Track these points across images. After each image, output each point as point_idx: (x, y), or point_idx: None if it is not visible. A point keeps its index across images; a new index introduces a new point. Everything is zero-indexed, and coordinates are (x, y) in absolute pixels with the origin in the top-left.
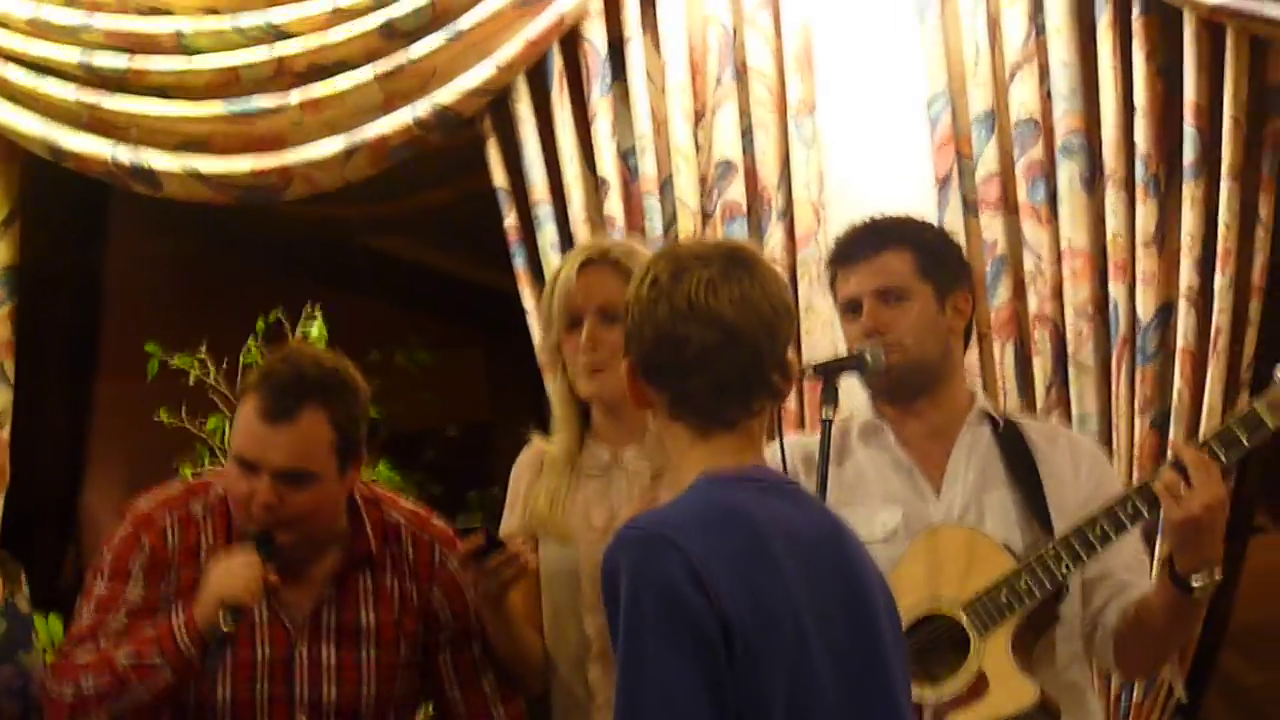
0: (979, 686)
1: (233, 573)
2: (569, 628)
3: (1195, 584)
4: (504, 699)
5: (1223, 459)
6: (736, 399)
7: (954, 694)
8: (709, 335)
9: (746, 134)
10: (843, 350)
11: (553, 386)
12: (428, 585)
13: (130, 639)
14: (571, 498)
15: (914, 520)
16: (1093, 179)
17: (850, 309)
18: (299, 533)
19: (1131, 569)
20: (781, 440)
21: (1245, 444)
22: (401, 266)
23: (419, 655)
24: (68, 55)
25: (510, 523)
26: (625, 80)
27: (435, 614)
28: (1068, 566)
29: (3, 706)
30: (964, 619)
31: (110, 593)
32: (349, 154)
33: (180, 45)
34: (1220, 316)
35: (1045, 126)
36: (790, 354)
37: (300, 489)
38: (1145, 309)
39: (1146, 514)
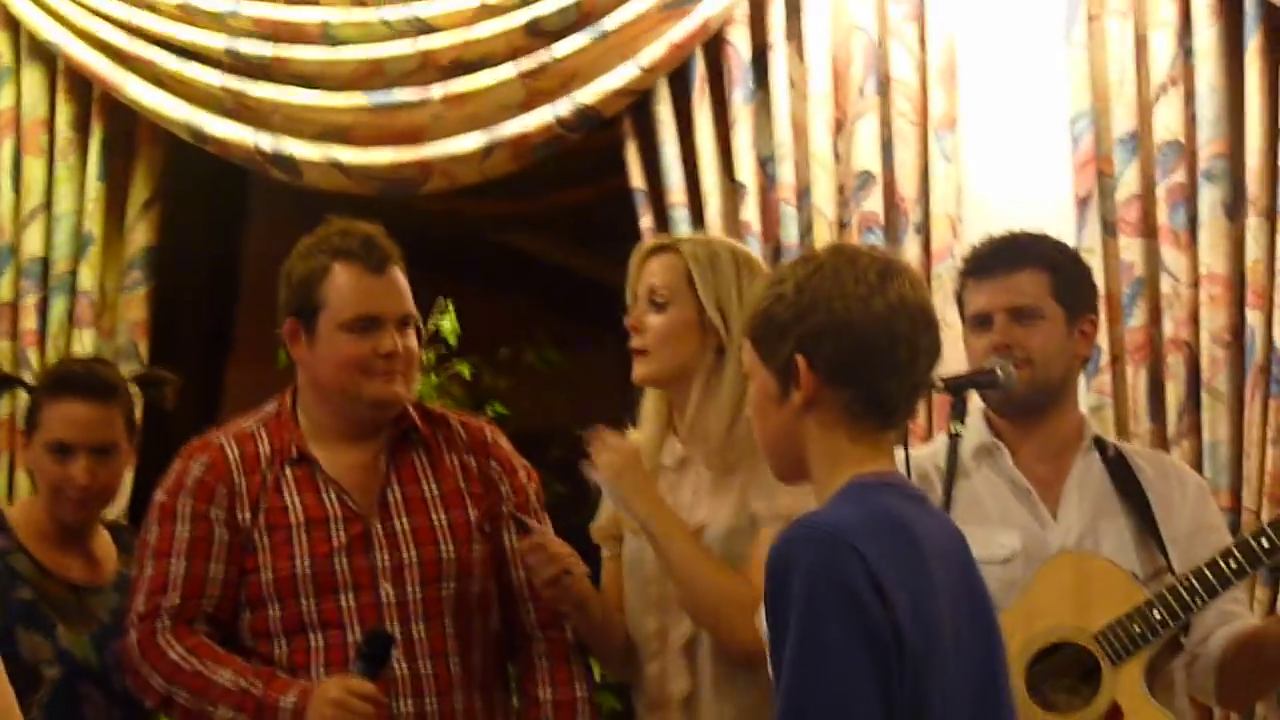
0: (1113, 718)
1: (350, 708)
2: (642, 622)
3: None
4: None
5: None
6: (912, 402)
7: None
8: (924, 336)
9: (887, 145)
10: (966, 366)
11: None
12: (485, 459)
13: (225, 672)
14: None
15: (1032, 545)
16: (1234, 205)
17: (979, 322)
18: (411, 388)
19: (1237, 600)
20: (907, 451)
21: None
22: (535, 264)
23: (486, 525)
24: (214, 41)
25: (600, 516)
26: (767, 87)
27: (495, 484)
28: (1201, 599)
29: (116, 679)
30: (1096, 648)
31: (160, 538)
32: (489, 150)
33: (326, 35)
34: None
35: (1189, 150)
36: None
37: (409, 337)
38: None
39: None
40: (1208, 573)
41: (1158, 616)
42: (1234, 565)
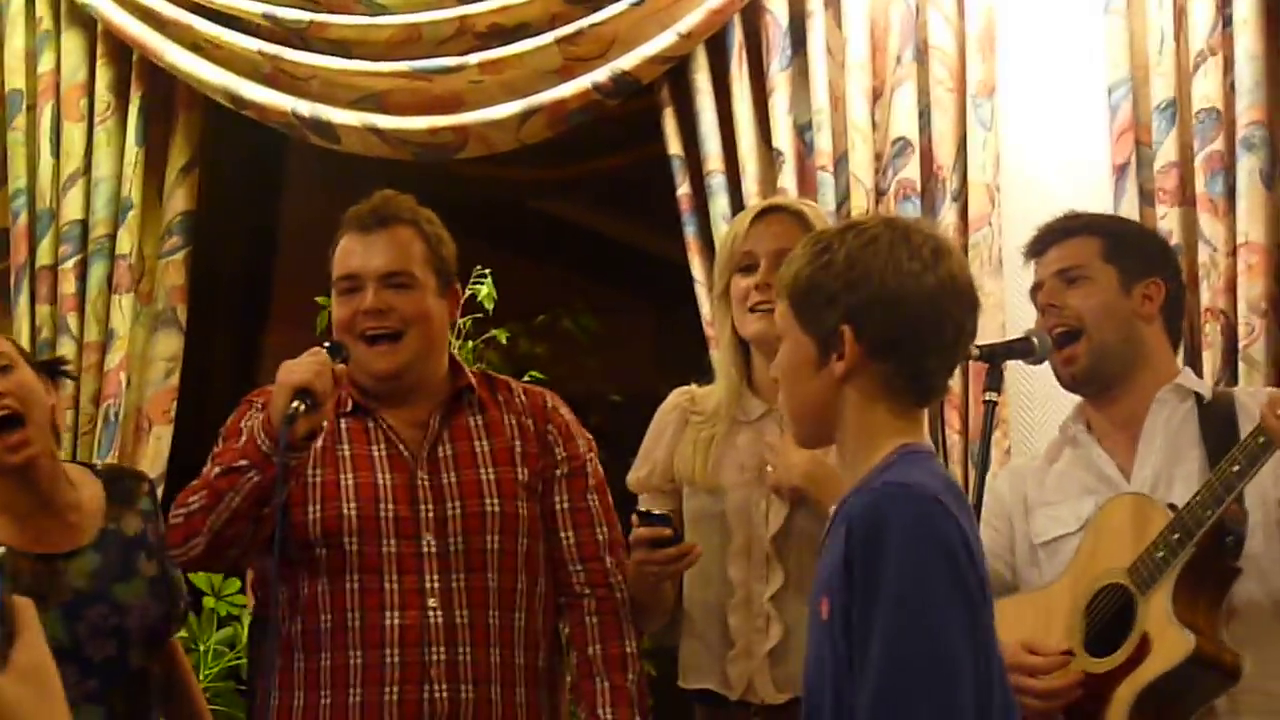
0: (1142, 650)
1: (300, 363)
2: (712, 574)
3: None
4: (614, 551)
5: None
6: (947, 379)
7: (1115, 665)
8: (969, 317)
9: (924, 113)
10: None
11: (719, 333)
12: (543, 423)
13: (214, 469)
14: (728, 444)
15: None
16: (1273, 174)
17: (1034, 291)
18: (409, 351)
19: None
20: (943, 422)
21: None
22: (573, 231)
23: (537, 485)
24: (252, 6)
25: (645, 467)
26: (805, 54)
27: (550, 446)
28: (1211, 509)
29: (93, 649)
30: (1129, 582)
31: (222, 451)
32: (526, 116)
33: (364, 1)
34: None
35: (1227, 119)
36: None
37: (402, 293)
38: None
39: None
40: (1214, 480)
41: (1175, 537)
42: (1236, 469)
